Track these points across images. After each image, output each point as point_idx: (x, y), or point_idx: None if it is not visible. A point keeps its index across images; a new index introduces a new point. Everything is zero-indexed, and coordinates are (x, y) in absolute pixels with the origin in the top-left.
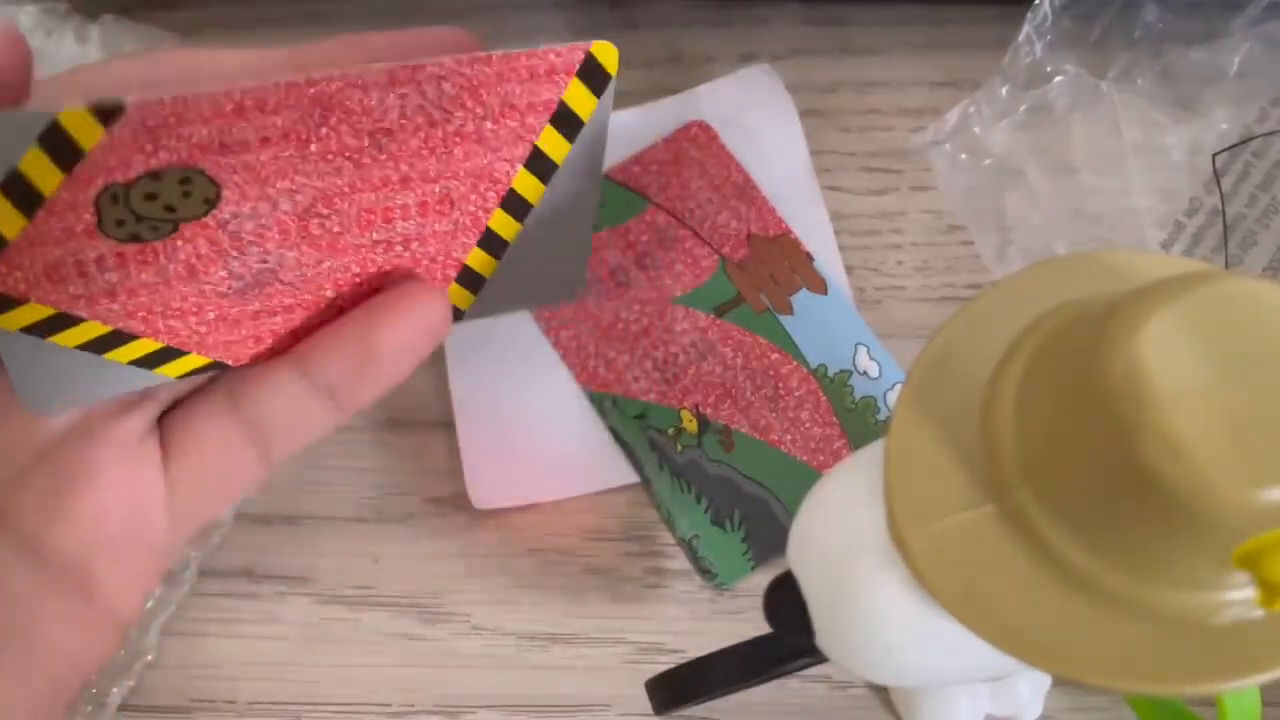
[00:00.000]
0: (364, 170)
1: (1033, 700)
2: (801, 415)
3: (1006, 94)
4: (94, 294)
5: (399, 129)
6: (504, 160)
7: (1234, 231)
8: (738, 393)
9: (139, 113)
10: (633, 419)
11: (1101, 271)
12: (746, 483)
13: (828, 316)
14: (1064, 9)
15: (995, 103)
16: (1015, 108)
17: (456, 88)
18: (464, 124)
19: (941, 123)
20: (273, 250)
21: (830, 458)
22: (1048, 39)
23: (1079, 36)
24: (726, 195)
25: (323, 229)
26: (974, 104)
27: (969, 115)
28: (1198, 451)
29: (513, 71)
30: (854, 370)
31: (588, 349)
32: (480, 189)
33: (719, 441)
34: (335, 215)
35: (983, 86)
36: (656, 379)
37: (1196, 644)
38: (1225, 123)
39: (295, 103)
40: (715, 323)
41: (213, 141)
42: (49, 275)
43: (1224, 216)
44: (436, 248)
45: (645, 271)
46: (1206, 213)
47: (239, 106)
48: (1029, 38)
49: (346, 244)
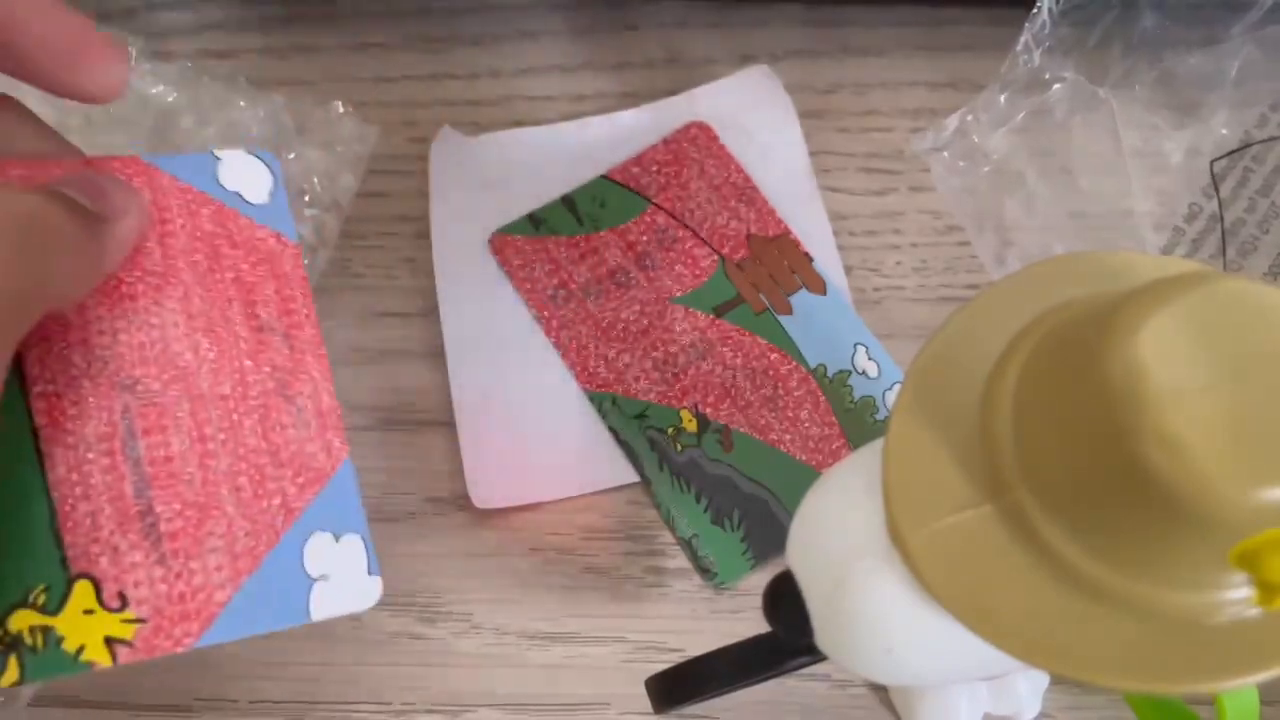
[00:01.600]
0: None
1: (1031, 698)
2: (801, 415)
3: (1005, 101)
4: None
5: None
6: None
7: (1233, 237)
8: (737, 393)
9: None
10: (632, 419)
11: (1100, 271)
12: (746, 482)
13: (827, 317)
14: (1063, 15)
15: (993, 109)
16: (1014, 114)
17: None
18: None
19: (940, 128)
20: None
21: (829, 458)
22: (1046, 45)
23: (1077, 43)
24: (726, 196)
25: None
26: (972, 111)
27: (967, 123)
28: (1196, 451)
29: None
30: (853, 370)
31: (588, 349)
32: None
33: (718, 441)
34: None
35: (982, 93)
36: (656, 379)
37: (1195, 643)
38: (1224, 128)
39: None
40: (715, 323)
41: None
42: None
43: (1223, 222)
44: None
45: (645, 272)
46: (1206, 218)
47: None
48: (1027, 45)
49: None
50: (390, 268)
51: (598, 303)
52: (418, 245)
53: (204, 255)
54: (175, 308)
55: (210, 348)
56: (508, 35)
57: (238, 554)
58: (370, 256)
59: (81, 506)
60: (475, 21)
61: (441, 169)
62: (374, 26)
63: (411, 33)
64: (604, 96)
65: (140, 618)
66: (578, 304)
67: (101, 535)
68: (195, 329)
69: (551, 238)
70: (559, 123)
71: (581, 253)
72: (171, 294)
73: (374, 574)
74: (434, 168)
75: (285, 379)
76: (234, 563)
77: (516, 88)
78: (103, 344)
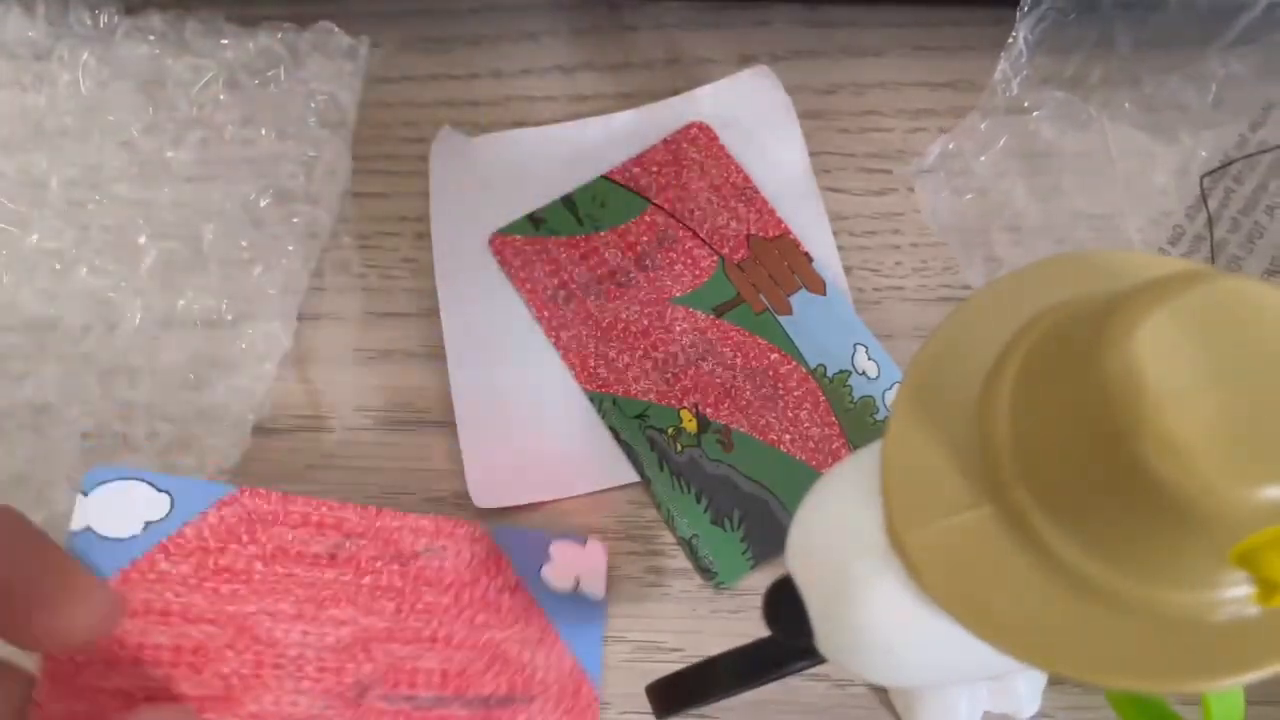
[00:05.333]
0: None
1: (1030, 697)
2: (800, 415)
3: (986, 128)
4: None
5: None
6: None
7: (1219, 258)
8: (737, 393)
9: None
10: (632, 419)
11: (1097, 271)
12: (746, 482)
13: (826, 317)
14: (1038, 44)
15: (975, 136)
16: (996, 140)
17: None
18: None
19: (923, 156)
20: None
21: (829, 458)
22: (1024, 75)
23: (1055, 71)
24: (726, 196)
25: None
26: (954, 139)
27: (950, 150)
28: (1194, 450)
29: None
30: (853, 370)
31: (588, 349)
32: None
33: (718, 441)
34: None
35: (963, 120)
36: (656, 379)
37: (1194, 642)
38: (1204, 150)
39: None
40: (715, 323)
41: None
42: None
43: (1211, 242)
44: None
45: (645, 272)
46: (1190, 239)
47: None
48: (1005, 74)
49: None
50: (390, 268)
51: (598, 303)
52: (418, 245)
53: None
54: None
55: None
56: (508, 35)
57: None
58: (370, 256)
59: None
60: (475, 21)
61: (441, 169)
62: (374, 26)
63: (411, 33)
64: (604, 97)
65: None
66: (578, 304)
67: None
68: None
69: (552, 238)
70: (559, 123)
71: (582, 253)
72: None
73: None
74: (434, 168)
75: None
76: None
77: (516, 88)
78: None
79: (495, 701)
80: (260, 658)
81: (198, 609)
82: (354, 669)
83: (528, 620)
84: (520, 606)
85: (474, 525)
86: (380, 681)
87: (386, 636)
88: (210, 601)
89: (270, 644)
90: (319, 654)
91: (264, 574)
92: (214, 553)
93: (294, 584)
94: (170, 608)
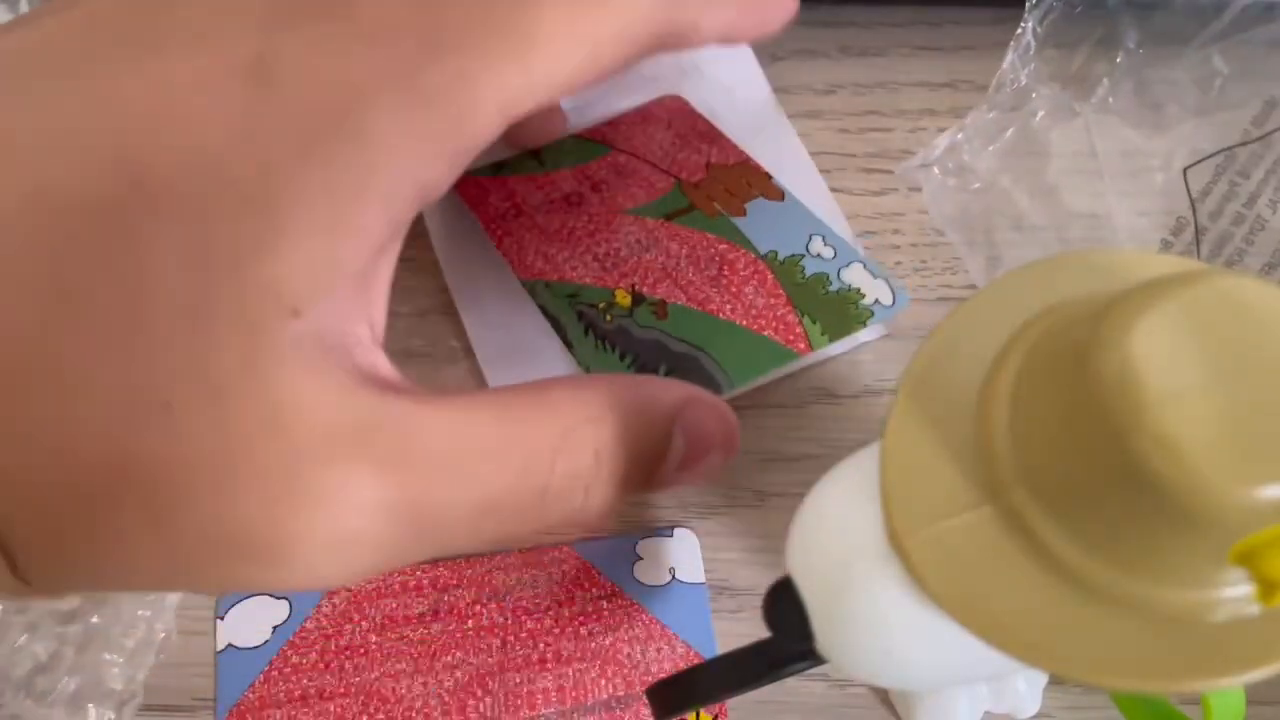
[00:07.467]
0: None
1: (1030, 696)
2: (745, 290)
3: (993, 120)
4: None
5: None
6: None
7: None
8: (679, 274)
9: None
10: (563, 297)
11: (1095, 270)
12: (676, 343)
13: (782, 215)
14: (1047, 37)
15: (982, 128)
16: (1001, 133)
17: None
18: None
19: (930, 149)
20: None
21: (774, 323)
22: (1032, 66)
23: (1063, 63)
24: (689, 138)
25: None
26: (961, 130)
27: (957, 141)
28: (1193, 450)
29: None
30: (806, 254)
31: (528, 248)
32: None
33: (652, 312)
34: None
35: (971, 112)
36: (595, 268)
37: (1195, 641)
38: (1206, 144)
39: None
40: (664, 225)
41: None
42: None
43: (1197, 234)
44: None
45: (599, 193)
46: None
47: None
48: (1013, 65)
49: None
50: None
51: (546, 217)
52: (416, 244)
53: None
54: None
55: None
56: None
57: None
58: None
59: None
60: None
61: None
62: None
63: None
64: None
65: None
66: (526, 218)
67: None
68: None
69: (513, 176)
70: None
71: (539, 185)
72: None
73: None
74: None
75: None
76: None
77: None
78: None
79: (616, 703)
80: (391, 714)
81: (330, 687)
82: (474, 704)
83: (631, 620)
84: (621, 610)
85: (557, 548)
86: (503, 711)
87: (499, 669)
88: (339, 678)
89: (397, 701)
90: (440, 699)
91: (379, 643)
92: (333, 637)
93: (406, 645)
94: (307, 693)
